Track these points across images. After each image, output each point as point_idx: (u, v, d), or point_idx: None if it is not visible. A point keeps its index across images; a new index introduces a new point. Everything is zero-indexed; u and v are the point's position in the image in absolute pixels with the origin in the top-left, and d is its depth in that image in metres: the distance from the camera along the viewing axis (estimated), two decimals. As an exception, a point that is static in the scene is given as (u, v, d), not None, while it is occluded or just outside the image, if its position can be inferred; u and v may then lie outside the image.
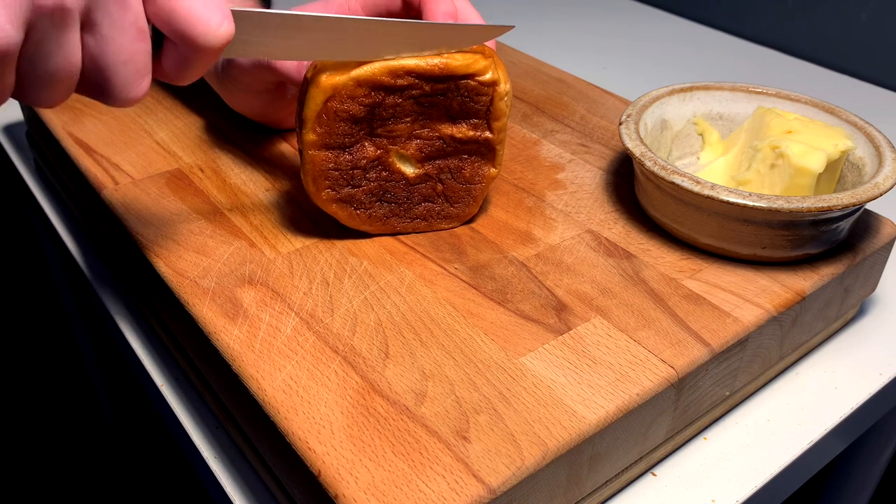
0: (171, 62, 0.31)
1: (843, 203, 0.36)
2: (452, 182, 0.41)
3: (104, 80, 0.29)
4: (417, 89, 0.37)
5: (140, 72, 0.29)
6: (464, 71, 0.37)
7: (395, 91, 0.37)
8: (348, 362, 0.33)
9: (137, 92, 0.30)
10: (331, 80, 0.35)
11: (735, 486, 0.36)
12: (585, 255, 0.40)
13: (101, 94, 0.30)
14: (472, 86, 0.37)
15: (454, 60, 0.36)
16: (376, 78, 0.36)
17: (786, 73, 0.81)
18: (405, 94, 0.37)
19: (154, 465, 1.19)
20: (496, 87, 0.38)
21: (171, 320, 0.41)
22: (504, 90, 0.38)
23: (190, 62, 0.30)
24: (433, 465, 0.28)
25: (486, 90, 0.37)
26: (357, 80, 0.36)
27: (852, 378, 0.42)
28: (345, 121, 0.37)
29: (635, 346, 0.34)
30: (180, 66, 0.31)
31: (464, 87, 0.37)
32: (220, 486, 0.37)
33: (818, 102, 0.44)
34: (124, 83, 0.29)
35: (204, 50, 0.30)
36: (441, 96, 0.37)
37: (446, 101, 0.38)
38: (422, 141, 0.39)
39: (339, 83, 0.35)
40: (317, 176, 0.38)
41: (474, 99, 0.38)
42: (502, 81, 0.38)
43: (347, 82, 0.35)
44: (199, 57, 0.30)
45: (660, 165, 0.38)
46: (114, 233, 0.45)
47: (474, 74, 0.37)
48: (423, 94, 0.37)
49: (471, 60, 0.37)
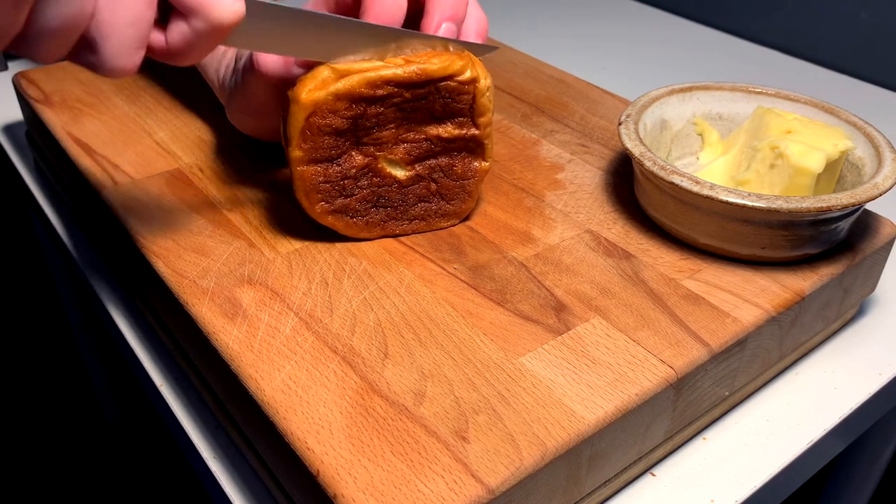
0: (177, 37, 0.30)
1: (842, 203, 0.36)
2: (445, 180, 0.41)
3: (101, 40, 0.28)
4: (398, 97, 0.37)
5: (139, 40, 0.29)
6: (442, 74, 0.37)
7: (375, 101, 0.36)
8: (347, 362, 0.33)
9: (129, 62, 0.29)
10: (311, 97, 0.35)
11: (734, 486, 0.36)
12: (585, 255, 0.40)
13: (92, 56, 0.29)
14: (452, 87, 0.37)
15: (431, 65, 0.36)
16: (355, 90, 0.36)
17: (786, 73, 0.81)
18: (386, 103, 0.37)
19: (154, 465, 1.19)
20: (476, 83, 0.37)
21: (170, 320, 0.41)
22: (485, 86, 0.38)
23: (197, 39, 0.30)
24: (432, 465, 0.28)
25: (467, 88, 0.37)
26: (336, 95, 0.35)
27: (852, 378, 0.42)
28: (329, 134, 0.37)
29: (634, 346, 0.34)
30: (185, 43, 0.30)
31: (444, 89, 0.37)
32: (219, 486, 0.37)
33: (818, 102, 0.44)
34: (120, 49, 0.28)
35: (215, 27, 0.29)
36: (422, 100, 0.37)
37: (428, 105, 0.38)
38: (409, 144, 0.39)
39: (318, 99, 0.35)
40: (308, 191, 0.38)
41: (456, 99, 0.38)
42: (482, 77, 0.38)
43: (327, 97, 0.35)
44: (208, 34, 0.30)
45: (659, 165, 0.38)
46: (113, 233, 0.45)
47: (453, 75, 0.37)
48: (404, 100, 0.37)
49: (447, 62, 0.37)
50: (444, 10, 0.37)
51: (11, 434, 1.22)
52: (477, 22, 0.39)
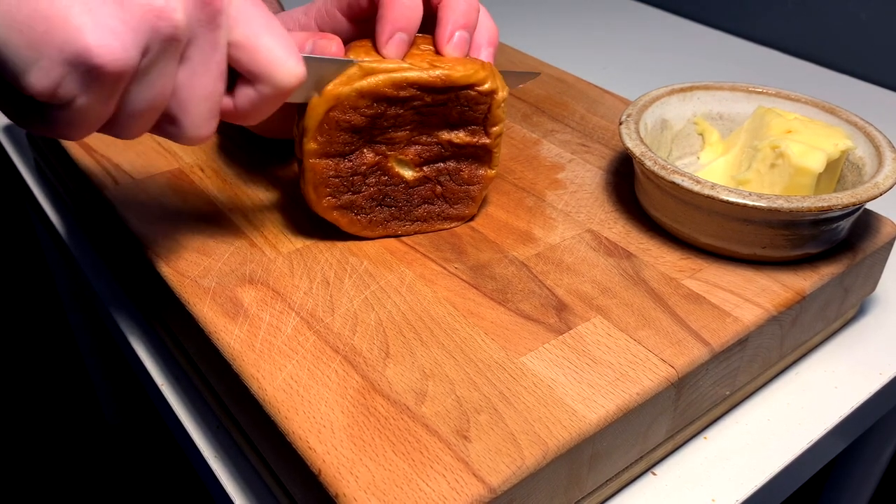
0: (245, 102, 0.32)
1: (842, 203, 0.36)
2: (451, 184, 0.41)
3: (181, 115, 0.30)
4: (419, 100, 0.37)
5: (213, 111, 0.31)
6: (465, 82, 0.37)
7: (396, 102, 0.37)
8: (349, 362, 0.33)
9: (207, 130, 0.31)
10: (334, 91, 0.36)
11: (735, 485, 0.36)
12: (585, 255, 0.40)
13: (173, 128, 0.31)
14: (471, 96, 0.38)
15: (455, 72, 0.37)
16: (380, 90, 0.36)
17: (786, 73, 0.81)
18: (406, 105, 0.37)
19: (154, 465, 1.19)
20: (495, 95, 0.38)
21: (171, 320, 0.41)
22: (501, 98, 0.38)
23: (263, 102, 0.32)
24: (433, 464, 0.28)
25: (485, 99, 0.38)
26: (360, 92, 0.36)
27: (852, 378, 0.42)
28: (345, 130, 0.37)
29: (635, 345, 0.34)
30: (253, 106, 0.32)
31: (464, 97, 0.38)
32: (220, 485, 0.37)
33: (818, 102, 0.45)
34: (198, 120, 0.30)
35: (280, 90, 0.31)
36: (441, 106, 0.38)
37: (446, 111, 0.38)
38: (420, 146, 0.39)
39: (342, 94, 0.36)
40: (318, 184, 0.38)
41: (473, 108, 0.38)
42: (500, 90, 0.38)
43: (351, 93, 0.36)
44: (274, 97, 0.32)
45: (660, 165, 0.38)
46: (114, 233, 0.45)
47: (474, 85, 0.37)
48: (424, 104, 0.37)
49: (471, 71, 0.37)
50: (457, 19, 0.37)
51: (11, 434, 1.22)
52: (488, 31, 0.39)
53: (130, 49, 0.26)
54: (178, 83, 0.29)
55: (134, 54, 0.26)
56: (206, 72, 0.29)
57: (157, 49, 0.27)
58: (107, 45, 0.25)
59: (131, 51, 0.26)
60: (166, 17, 0.26)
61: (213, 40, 0.29)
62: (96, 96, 0.27)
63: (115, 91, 0.27)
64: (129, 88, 0.28)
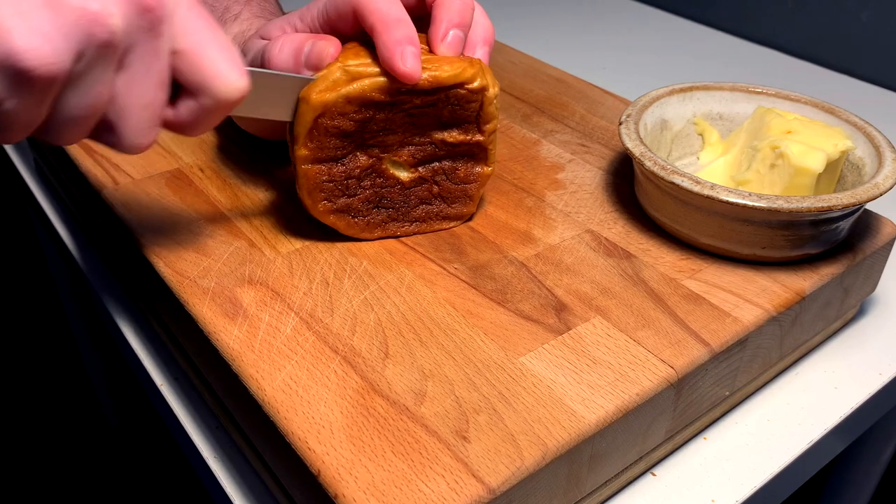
0: (187, 113, 0.31)
1: (842, 203, 0.36)
2: (448, 183, 0.41)
3: (120, 123, 0.29)
4: (408, 102, 0.37)
5: (153, 120, 0.30)
6: (453, 81, 0.37)
7: (385, 106, 0.37)
8: (348, 362, 0.33)
9: (146, 140, 0.30)
10: (321, 98, 0.35)
11: (735, 486, 0.36)
12: (585, 255, 0.40)
13: (111, 136, 0.30)
14: (461, 94, 0.37)
15: (442, 72, 0.36)
16: (366, 94, 0.36)
17: (786, 73, 0.81)
18: (396, 108, 0.37)
19: (154, 465, 1.19)
20: (485, 92, 0.38)
21: (170, 320, 0.41)
22: (493, 94, 0.38)
23: (205, 114, 0.31)
24: (433, 464, 0.28)
25: (476, 97, 0.38)
26: (347, 98, 0.36)
27: (852, 378, 0.42)
28: (335, 136, 0.37)
29: (635, 345, 0.34)
30: (194, 118, 0.31)
31: (454, 97, 0.37)
32: (219, 485, 0.37)
33: (818, 102, 0.44)
34: (137, 129, 0.30)
35: (222, 103, 0.31)
36: (431, 107, 0.38)
37: (436, 111, 0.38)
38: (414, 147, 0.39)
39: (329, 101, 0.35)
40: (312, 189, 0.38)
41: (464, 106, 0.38)
42: (491, 86, 0.38)
43: (337, 100, 0.35)
44: (216, 109, 0.31)
45: (660, 165, 0.38)
46: (114, 233, 0.45)
47: (464, 83, 0.37)
48: (413, 106, 0.37)
49: (459, 70, 0.37)
50: (452, 18, 0.37)
51: (11, 434, 1.22)
52: (484, 30, 0.39)
53: (62, 53, 0.25)
54: (116, 90, 0.29)
55: (66, 59, 0.25)
56: (146, 80, 0.29)
57: (91, 55, 0.26)
58: (36, 48, 0.25)
59: (63, 55, 0.25)
60: (102, 21, 0.26)
61: (154, 48, 0.28)
62: (25, 100, 0.26)
63: (46, 96, 0.26)
64: (63, 94, 0.27)
